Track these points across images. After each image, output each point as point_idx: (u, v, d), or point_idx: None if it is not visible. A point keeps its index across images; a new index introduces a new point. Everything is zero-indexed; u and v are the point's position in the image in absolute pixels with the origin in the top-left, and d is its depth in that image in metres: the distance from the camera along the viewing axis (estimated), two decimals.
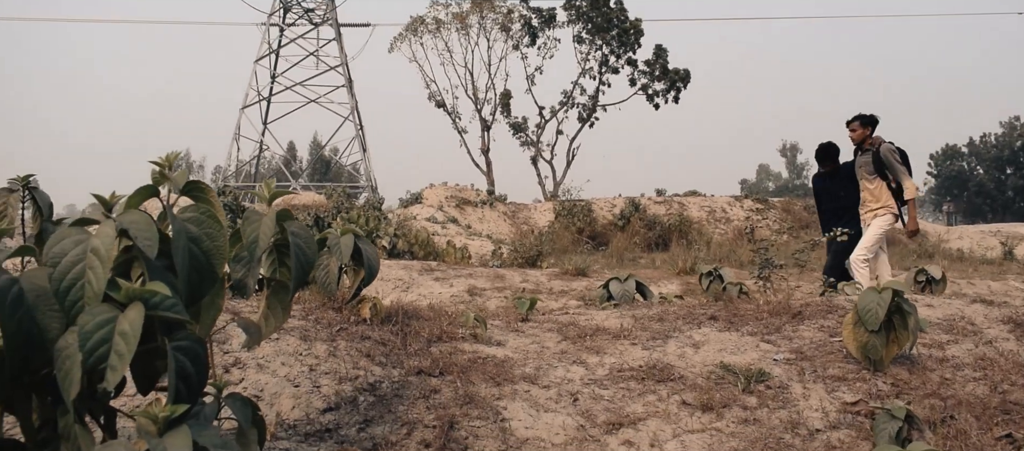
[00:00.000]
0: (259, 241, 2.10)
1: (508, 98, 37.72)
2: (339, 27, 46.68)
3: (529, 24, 37.14)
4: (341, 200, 20.80)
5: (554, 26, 37.36)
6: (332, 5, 46.94)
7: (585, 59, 37.03)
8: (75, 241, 1.63)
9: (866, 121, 6.75)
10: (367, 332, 3.28)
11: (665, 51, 36.86)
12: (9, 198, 3.71)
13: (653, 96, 36.87)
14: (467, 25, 37.81)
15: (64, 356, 1.54)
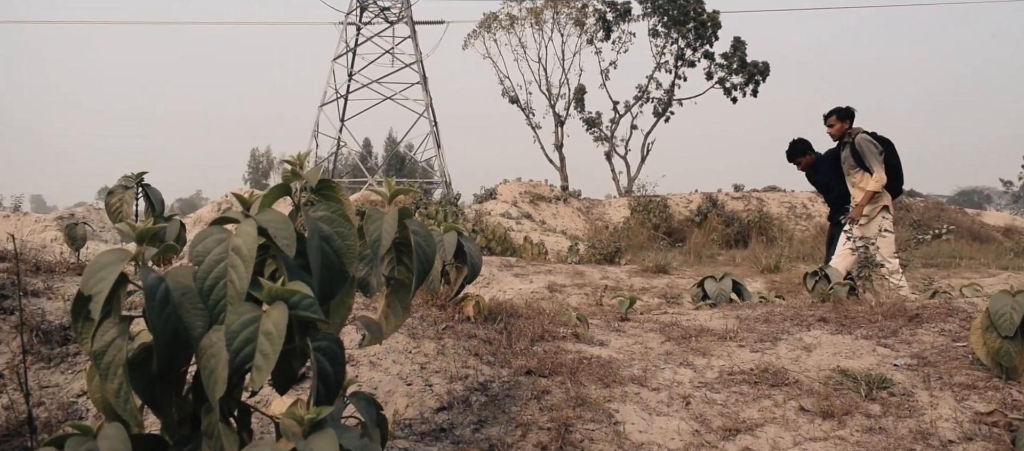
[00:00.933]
0: (382, 239, 2.08)
1: (582, 93, 37.48)
2: (414, 25, 47.23)
3: (603, 18, 36.80)
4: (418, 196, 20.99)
5: (629, 20, 36.92)
6: (407, 3, 47.51)
7: (660, 53, 36.48)
8: (217, 240, 1.64)
9: (842, 114, 6.57)
10: (472, 330, 3.25)
11: (743, 43, 36.00)
12: (124, 194, 3.84)
13: (731, 90, 36.06)
14: (541, 20, 37.73)
15: (209, 355, 1.55)
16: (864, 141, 6.23)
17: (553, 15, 37.82)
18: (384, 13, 47.93)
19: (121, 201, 3.80)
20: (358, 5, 47.28)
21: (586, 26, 37.47)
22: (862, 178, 6.29)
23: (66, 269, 3.35)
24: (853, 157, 6.33)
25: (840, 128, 6.51)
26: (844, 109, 6.56)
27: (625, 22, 37.12)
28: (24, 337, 2.57)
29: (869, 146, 6.20)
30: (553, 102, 37.67)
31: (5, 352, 2.54)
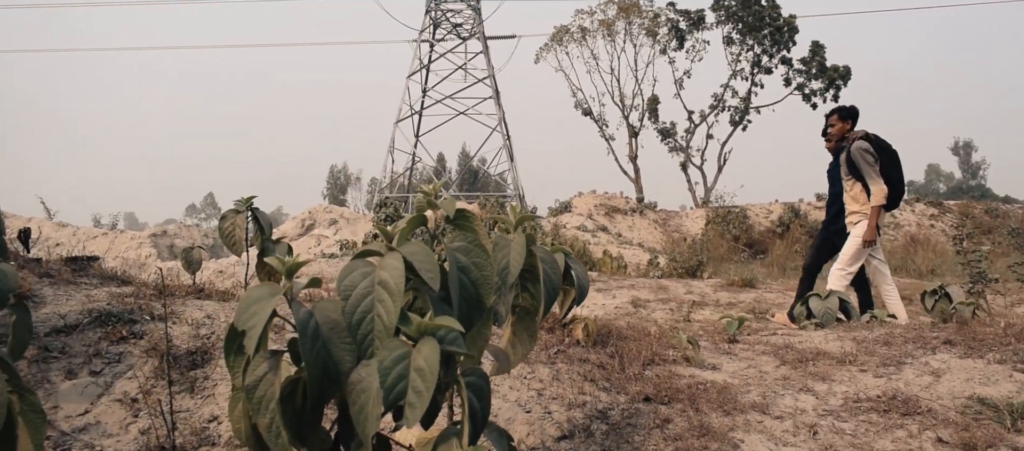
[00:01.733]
0: (511, 268, 2.05)
1: (656, 103, 37.10)
2: (486, 40, 47.67)
3: (676, 27, 36.39)
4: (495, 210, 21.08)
5: (703, 28, 36.42)
6: (479, 19, 48.01)
7: (736, 60, 35.84)
8: (363, 273, 1.63)
9: (844, 114, 6.01)
10: (584, 355, 3.20)
11: (822, 48, 35.06)
12: (236, 219, 3.92)
13: (810, 96, 35.13)
14: (613, 32, 37.57)
15: (358, 390, 1.54)
16: (859, 151, 5.68)
17: (625, 26, 37.62)
18: (457, 30, 48.53)
19: (234, 225, 3.89)
20: (431, 23, 48.01)
21: (659, 36, 37.13)
22: (853, 187, 5.80)
23: (185, 293, 3.44)
24: (847, 165, 5.82)
25: (841, 129, 5.98)
26: (846, 108, 6.06)
27: (699, 30, 36.63)
28: (156, 362, 2.63)
29: (864, 157, 5.64)
30: (626, 113, 37.42)
31: (138, 377, 2.60)
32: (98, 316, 2.91)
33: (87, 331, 2.82)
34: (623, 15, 37.11)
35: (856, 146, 5.69)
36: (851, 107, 6.01)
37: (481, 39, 47.73)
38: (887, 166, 5.68)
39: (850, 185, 5.80)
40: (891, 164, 5.71)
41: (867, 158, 5.61)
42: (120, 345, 2.75)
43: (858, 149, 5.67)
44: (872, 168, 5.60)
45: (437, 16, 48.08)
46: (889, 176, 5.68)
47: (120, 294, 3.21)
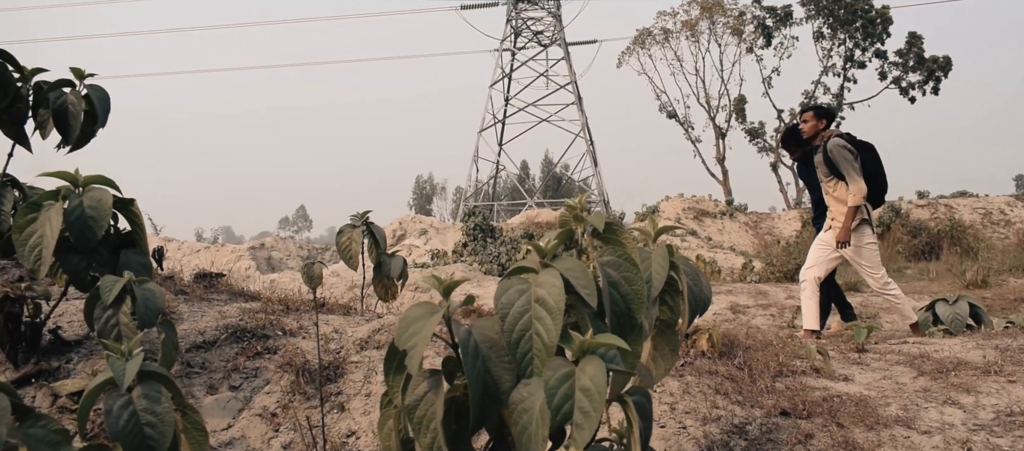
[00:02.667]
0: (654, 280, 1.99)
1: (743, 103, 36.28)
2: (567, 46, 47.63)
3: (763, 25, 35.49)
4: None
5: (791, 24, 35.39)
6: (560, 26, 48.01)
7: (827, 55, 34.71)
8: (519, 291, 1.61)
9: (820, 112, 5.70)
10: (711, 366, 3.10)
11: (920, 38, 33.55)
12: (353, 233, 3.99)
13: (908, 89, 33.68)
14: (697, 32, 36.94)
15: (520, 410, 1.52)
16: (837, 147, 5.39)
17: (709, 26, 36.93)
18: (537, 37, 48.67)
19: (350, 240, 3.96)
20: (512, 31, 48.29)
21: (744, 34, 36.29)
22: (835, 187, 5.50)
23: (309, 307, 3.51)
24: (826, 164, 5.54)
25: (814, 126, 5.67)
26: (822, 107, 5.80)
27: (787, 27, 35.62)
28: (292, 377, 2.68)
29: (843, 153, 5.37)
30: (713, 114, 36.70)
31: (275, 391, 2.66)
32: (233, 332, 3.00)
33: (224, 347, 2.90)
34: (706, 15, 36.44)
35: (833, 143, 5.44)
36: (828, 106, 5.82)
37: (562, 45, 47.72)
38: (868, 163, 5.47)
39: (832, 186, 5.54)
40: (872, 160, 5.52)
41: (846, 155, 5.36)
42: (256, 360, 2.83)
43: (836, 146, 5.41)
44: (852, 165, 5.35)
45: (518, 24, 48.33)
46: (871, 172, 5.47)
47: (250, 309, 3.30)
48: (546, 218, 23.46)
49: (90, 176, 2.61)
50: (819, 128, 5.64)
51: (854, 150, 5.38)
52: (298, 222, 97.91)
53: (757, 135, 35.90)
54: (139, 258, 2.66)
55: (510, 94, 47.68)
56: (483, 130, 46.60)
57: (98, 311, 2.45)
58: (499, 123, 47.26)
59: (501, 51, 47.94)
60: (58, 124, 3.29)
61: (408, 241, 22.78)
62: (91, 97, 3.33)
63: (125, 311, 2.42)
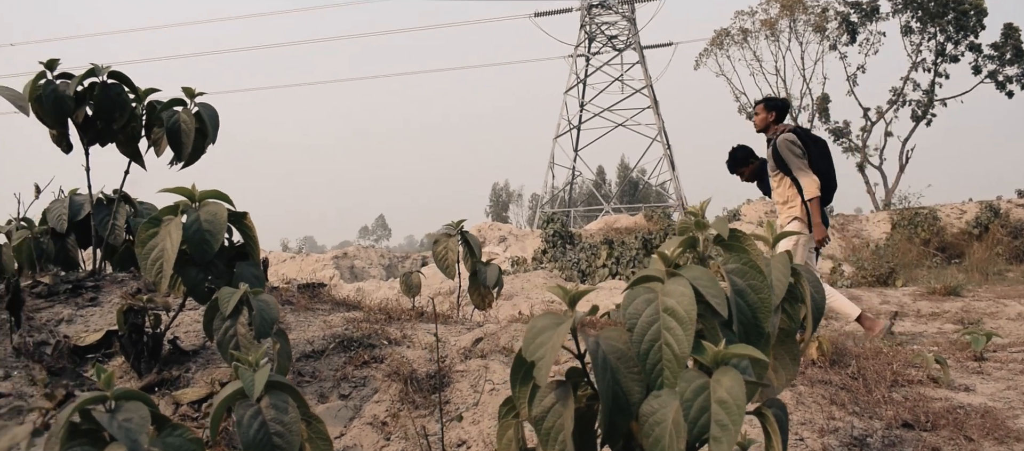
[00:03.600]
0: (776, 287, 1.92)
1: (826, 102, 35.19)
2: (642, 50, 47.21)
3: (847, 21, 34.35)
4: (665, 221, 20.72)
5: (877, 19, 34.14)
6: (634, 29, 47.63)
7: (916, 50, 33.32)
8: (646, 300, 1.58)
9: (771, 105, 5.50)
10: (823, 376, 2.99)
11: (1016, 30, 31.90)
12: (449, 242, 4.02)
13: (1004, 83, 32.05)
14: (777, 31, 36.04)
15: (651, 423, 1.48)
16: (785, 144, 5.21)
17: (790, 24, 35.96)
18: (612, 42, 48.41)
19: (446, 249, 3.99)
20: (586, 37, 48.17)
21: (827, 31, 35.19)
22: (779, 183, 5.33)
23: (409, 316, 3.55)
24: (774, 159, 5.35)
25: (764, 119, 5.49)
26: (774, 100, 5.59)
27: (872, 22, 34.39)
28: (400, 386, 2.71)
29: (790, 149, 5.17)
30: (794, 115, 35.67)
31: (384, 400, 2.69)
32: (340, 341, 3.05)
33: (332, 356, 2.95)
34: (786, 12, 35.51)
35: (781, 138, 5.26)
36: (782, 99, 5.61)
37: (637, 49, 47.32)
38: (817, 158, 5.25)
39: (777, 181, 5.37)
40: (821, 156, 5.29)
41: (794, 150, 5.18)
42: (363, 369, 2.86)
43: (784, 141, 5.24)
44: (800, 160, 5.16)
45: (592, 30, 48.18)
46: (821, 169, 5.24)
47: (353, 319, 3.35)
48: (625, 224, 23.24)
49: (205, 191, 2.70)
50: (769, 120, 5.49)
51: (802, 147, 5.23)
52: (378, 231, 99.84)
53: (842, 135, 34.77)
54: (252, 270, 2.74)
55: (585, 100, 47.55)
56: (558, 136, 46.59)
57: (217, 322, 2.53)
58: (574, 129, 47.18)
59: (575, 57, 47.89)
60: (171, 141, 3.43)
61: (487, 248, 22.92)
62: (202, 115, 3.45)
63: (243, 322, 2.49)
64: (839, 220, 25.26)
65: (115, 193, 4.08)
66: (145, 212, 4.26)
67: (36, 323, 3.02)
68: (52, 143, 3.53)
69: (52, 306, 3.18)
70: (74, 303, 3.23)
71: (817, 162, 5.25)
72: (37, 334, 2.93)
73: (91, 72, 3.40)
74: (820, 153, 5.30)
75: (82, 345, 2.88)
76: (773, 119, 5.46)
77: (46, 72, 3.38)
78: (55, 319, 3.09)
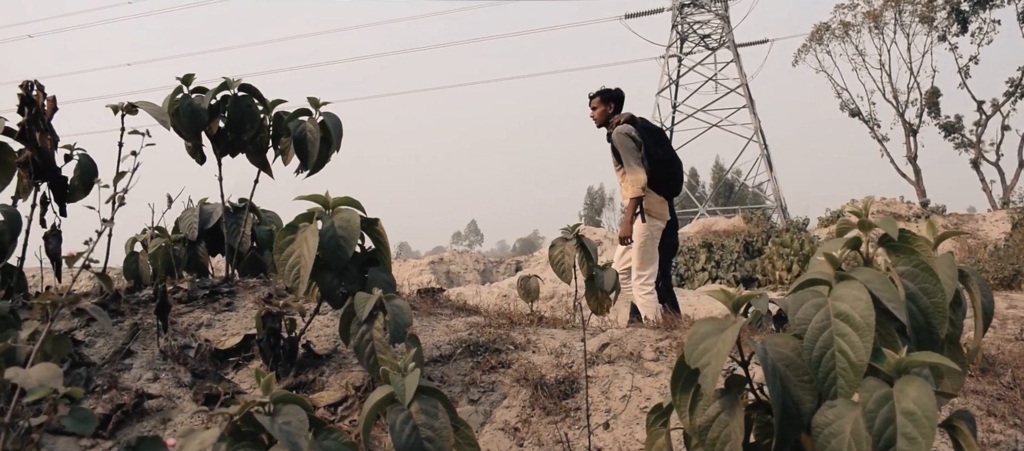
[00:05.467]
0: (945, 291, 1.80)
1: (936, 96, 33.46)
2: (736, 48, 46.12)
3: (957, 10, 32.57)
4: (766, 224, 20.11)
5: (990, 6, 32.22)
6: (728, 28, 46.59)
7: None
8: (815, 305, 1.50)
9: (606, 96, 5.32)
10: (975, 385, 2.81)
11: None
12: (565, 246, 3.98)
13: None
14: (881, 23, 34.52)
15: (826, 434, 1.41)
16: (619, 136, 5.05)
17: (894, 15, 34.39)
18: (705, 41, 47.51)
19: (563, 253, 3.97)
20: (678, 37, 47.44)
21: (936, 21, 33.47)
22: (623, 177, 5.08)
23: (529, 321, 3.53)
24: (613, 153, 5.16)
25: (603, 112, 5.32)
26: (608, 90, 5.35)
27: (985, 10, 32.48)
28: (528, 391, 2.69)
29: (625, 142, 5.01)
30: (901, 110, 34.10)
31: (514, 406, 2.68)
32: (466, 346, 3.06)
33: (459, 361, 2.97)
34: (891, 3, 33.97)
35: (617, 131, 5.10)
36: (614, 89, 5.39)
37: (731, 48, 46.26)
38: (653, 147, 5.09)
39: (620, 175, 5.14)
40: (658, 144, 5.14)
41: (627, 143, 5.02)
42: (491, 374, 2.86)
43: (619, 134, 5.08)
44: (631, 154, 4.99)
45: (684, 29, 47.40)
46: (658, 157, 5.07)
47: (476, 324, 3.36)
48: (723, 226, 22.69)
49: (338, 198, 2.76)
50: (608, 112, 5.33)
51: (637, 139, 5.07)
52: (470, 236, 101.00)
53: (954, 130, 33.00)
54: (384, 275, 2.78)
55: (678, 101, 46.84)
56: None
57: (353, 326, 2.57)
58: (668, 130, 46.47)
59: (667, 57, 47.24)
60: (298, 150, 3.52)
61: None
62: (326, 123, 3.54)
63: (378, 326, 2.52)
64: (953, 220, 24.02)
65: (241, 202, 4.24)
66: (268, 220, 4.41)
67: (178, 327, 3.15)
68: (187, 155, 3.68)
69: (191, 311, 3.32)
70: (212, 308, 3.36)
71: (654, 151, 5.10)
72: (180, 338, 3.06)
73: (224, 85, 3.54)
74: (657, 142, 5.17)
75: (222, 348, 2.98)
76: (612, 111, 5.33)
77: (182, 86, 3.53)
78: (195, 323, 3.21)
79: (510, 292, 12.59)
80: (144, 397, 2.62)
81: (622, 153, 5.04)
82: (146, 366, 2.84)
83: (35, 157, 3.28)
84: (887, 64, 35.09)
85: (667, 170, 5.11)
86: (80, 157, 3.46)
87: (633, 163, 4.98)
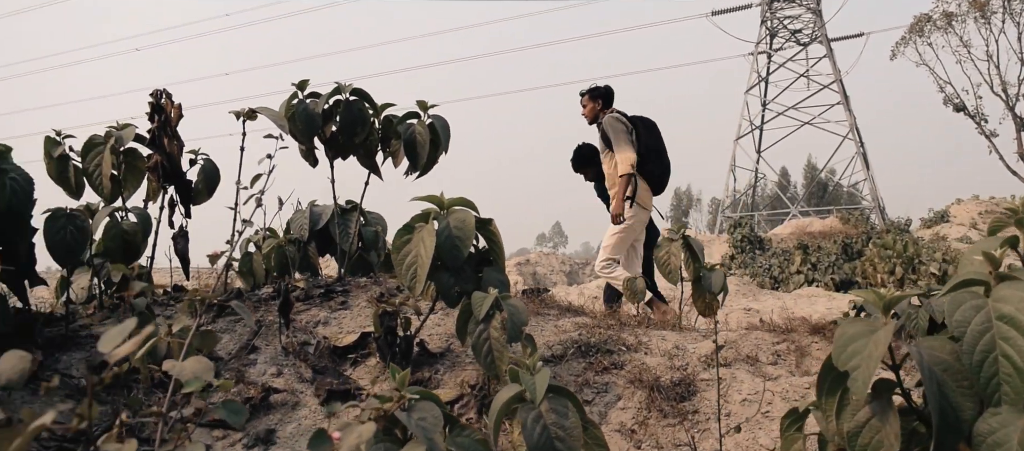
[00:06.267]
0: None
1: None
2: (829, 42, 44.59)
3: None
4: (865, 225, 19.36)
5: None
6: (820, 22, 45.10)
7: None
8: (974, 307, 1.43)
9: (595, 94, 5.52)
10: None
11: None
12: (671, 247, 3.93)
13: None
14: (988, 12, 32.74)
15: (990, 444, 1.33)
16: (610, 120, 5.21)
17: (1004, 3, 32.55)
18: (796, 36, 46.14)
19: (669, 254, 3.91)
20: (767, 33, 46.23)
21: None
22: (610, 160, 5.22)
23: (637, 323, 3.50)
24: (602, 141, 5.31)
25: (592, 109, 5.51)
26: (597, 88, 5.53)
27: None
28: (644, 393, 2.66)
29: (615, 124, 5.17)
30: (1011, 104, 32.21)
31: (629, 407, 2.65)
32: (577, 346, 3.05)
33: (571, 361, 2.96)
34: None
35: (607, 117, 5.27)
36: (605, 87, 5.56)
37: (824, 42, 44.76)
38: (645, 135, 5.25)
39: (607, 160, 5.30)
40: (649, 133, 5.29)
41: (617, 125, 5.17)
42: (604, 375, 2.85)
43: (609, 118, 5.24)
44: (621, 134, 5.12)
45: (774, 25, 46.16)
46: (652, 147, 5.23)
47: (583, 324, 3.35)
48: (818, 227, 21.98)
49: (453, 199, 2.79)
50: (597, 109, 5.50)
51: (628, 124, 5.24)
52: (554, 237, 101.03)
53: None
54: (498, 275, 2.80)
55: (768, 98, 45.64)
56: (740, 138, 45.01)
57: (471, 325, 2.60)
58: (757, 129, 45.39)
59: (756, 54, 46.08)
60: (408, 152, 3.59)
61: None
62: (435, 126, 3.60)
63: (496, 325, 2.54)
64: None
65: (348, 203, 4.35)
66: (373, 221, 4.52)
67: (297, 324, 3.26)
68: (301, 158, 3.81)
69: (309, 309, 3.42)
70: (327, 306, 3.46)
71: (646, 138, 5.24)
72: (300, 334, 3.16)
73: (336, 90, 3.64)
74: (649, 131, 5.31)
75: (340, 346, 3.07)
76: (601, 107, 5.48)
77: (297, 92, 3.65)
78: (313, 321, 3.31)
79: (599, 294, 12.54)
80: (270, 391, 2.72)
81: (611, 135, 5.20)
82: (269, 361, 2.94)
83: (164, 162, 3.45)
84: (995, 55, 33.20)
85: (656, 159, 5.28)
86: (204, 162, 3.62)
87: (623, 143, 5.13)
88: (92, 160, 3.45)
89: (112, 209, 3.30)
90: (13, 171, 2.74)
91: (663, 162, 5.34)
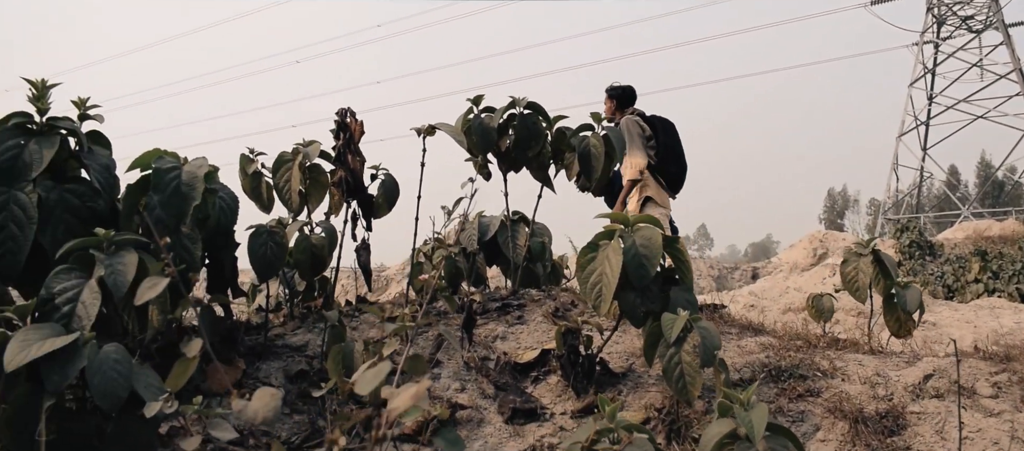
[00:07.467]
0: None
1: None
2: (1007, 28, 40.90)
3: None
4: None
5: None
6: (996, 6, 41.44)
7: None
8: None
9: (612, 93, 5.49)
10: None
11: None
12: (859, 262, 3.66)
13: None
14: None
15: None
16: (627, 122, 5.17)
17: None
18: (966, 23, 42.63)
19: (857, 269, 3.67)
20: (934, 21, 43.01)
21: None
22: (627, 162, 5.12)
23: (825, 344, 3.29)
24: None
25: (609, 108, 5.49)
26: (615, 88, 5.48)
27: None
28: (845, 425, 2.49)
29: (633, 127, 5.12)
30: None
31: (831, 440, 2.49)
32: (766, 369, 2.91)
33: (761, 386, 2.82)
34: None
35: (626, 119, 5.22)
36: (624, 87, 5.48)
37: (1000, 28, 41.09)
38: (663, 136, 5.22)
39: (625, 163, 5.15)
40: (667, 134, 5.26)
41: (633, 129, 5.12)
42: (799, 403, 2.69)
43: (627, 120, 5.20)
44: (634, 139, 5.07)
45: (941, 12, 42.89)
46: (669, 146, 5.22)
47: (769, 345, 3.19)
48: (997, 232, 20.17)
49: (639, 216, 2.72)
50: (614, 109, 5.46)
51: (645, 126, 5.20)
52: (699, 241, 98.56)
53: None
54: (686, 295, 2.70)
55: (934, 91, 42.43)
56: (903, 134, 42.16)
57: (661, 348, 2.52)
58: (922, 125, 42.33)
59: (921, 44, 42.98)
60: (582, 165, 3.56)
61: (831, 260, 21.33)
62: (609, 137, 3.54)
63: (688, 349, 2.45)
64: None
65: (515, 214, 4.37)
66: (539, 232, 4.51)
67: (476, 338, 3.29)
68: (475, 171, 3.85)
69: (486, 323, 3.45)
70: (504, 320, 3.48)
71: (664, 140, 5.21)
72: (480, 349, 3.19)
73: (511, 105, 3.66)
74: (666, 132, 5.28)
75: (520, 362, 3.07)
76: (616, 107, 5.44)
77: (473, 107, 3.69)
78: (491, 335, 3.34)
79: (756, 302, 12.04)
80: (456, 407, 2.75)
81: (627, 137, 5.10)
82: (452, 376, 2.98)
83: (347, 177, 3.57)
84: None
85: (674, 160, 5.27)
86: (384, 177, 3.73)
87: (633, 147, 5.09)
88: (282, 176, 3.63)
89: (301, 224, 3.46)
90: (221, 190, 2.92)
91: (680, 163, 5.38)
